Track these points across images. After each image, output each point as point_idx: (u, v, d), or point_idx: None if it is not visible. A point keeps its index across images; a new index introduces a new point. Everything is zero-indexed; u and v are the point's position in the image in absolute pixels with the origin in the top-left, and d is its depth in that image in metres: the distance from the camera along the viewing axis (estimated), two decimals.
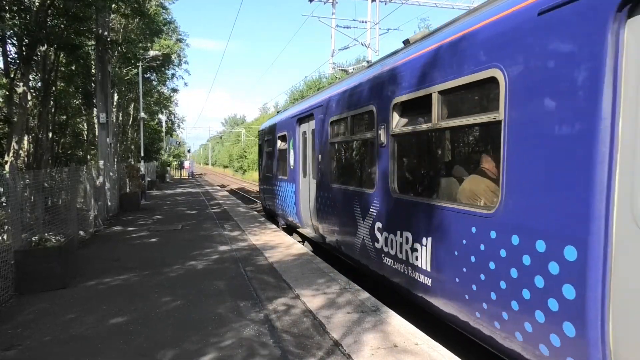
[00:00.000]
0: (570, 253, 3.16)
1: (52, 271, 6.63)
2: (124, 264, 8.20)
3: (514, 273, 3.67)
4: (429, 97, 4.92)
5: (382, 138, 6.03)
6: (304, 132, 10.43)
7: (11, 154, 11.93)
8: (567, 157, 3.21)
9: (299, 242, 10.60)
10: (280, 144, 12.88)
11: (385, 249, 6.04)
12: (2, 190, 6.84)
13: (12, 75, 12.71)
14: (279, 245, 9.61)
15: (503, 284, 3.79)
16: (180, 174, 59.06)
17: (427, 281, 4.98)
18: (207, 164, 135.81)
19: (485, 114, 4.15)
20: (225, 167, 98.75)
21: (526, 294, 3.55)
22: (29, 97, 13.39)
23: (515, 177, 3.70)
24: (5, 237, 6.73)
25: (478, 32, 4.23)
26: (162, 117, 46.54)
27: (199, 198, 22.49)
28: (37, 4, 12.26)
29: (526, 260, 3.55)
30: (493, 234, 3.92)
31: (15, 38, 12.60)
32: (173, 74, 35.45)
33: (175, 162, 62.63)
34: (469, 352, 4.76)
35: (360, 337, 4.58)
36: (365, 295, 5.97)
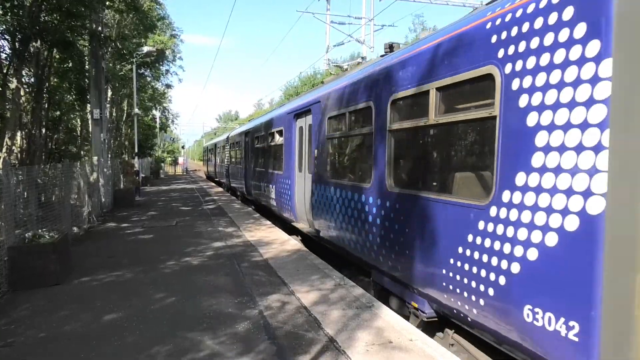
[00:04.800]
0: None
1: (46, 268, 6.61)
2: (118, 260, 8.18)
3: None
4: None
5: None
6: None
7: (4, 150, 11.84)
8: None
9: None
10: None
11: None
12: None
13: (4, 71, 12.59)
14: (273, 241, 9.62)
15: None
16: (175, 170, 58.89)
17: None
18: (202, 160, 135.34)
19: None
20: None
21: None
22: (22, 93, 13.27)
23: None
24: None
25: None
26: (157, 113, 46.36)
27: (193, 194, 22.44)
28: None
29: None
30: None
31: (8, 34, 12.46)
32: (167, 70, 35.30)
33: (170, 158, 62.44)
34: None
35: (354, 333, 4.61)
36: (359, 291, 6.00)
